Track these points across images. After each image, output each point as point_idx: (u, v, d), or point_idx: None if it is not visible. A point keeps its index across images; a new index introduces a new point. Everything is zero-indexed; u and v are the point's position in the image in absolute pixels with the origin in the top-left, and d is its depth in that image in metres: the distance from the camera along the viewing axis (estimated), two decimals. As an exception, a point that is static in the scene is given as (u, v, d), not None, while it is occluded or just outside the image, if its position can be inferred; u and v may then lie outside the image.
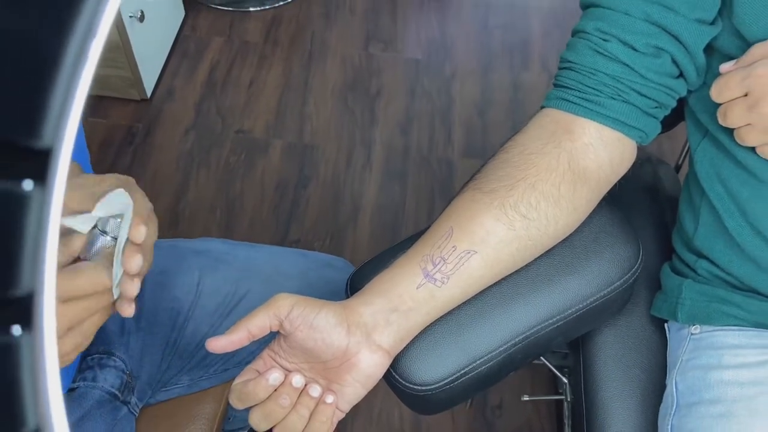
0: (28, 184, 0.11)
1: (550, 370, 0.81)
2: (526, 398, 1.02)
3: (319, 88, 1.72)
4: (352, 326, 0.51)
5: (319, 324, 0.50)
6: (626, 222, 0.61)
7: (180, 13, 1.81)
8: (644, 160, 0.81)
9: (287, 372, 0.52)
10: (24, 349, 0.12)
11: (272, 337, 0.53)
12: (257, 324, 0.50)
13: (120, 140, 1.57)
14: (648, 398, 0.64)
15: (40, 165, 0.11)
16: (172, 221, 1.44)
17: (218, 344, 0.50)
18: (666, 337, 0.67)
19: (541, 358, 0.82)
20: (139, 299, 0.72)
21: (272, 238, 1.43)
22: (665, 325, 0.67)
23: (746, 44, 0.53)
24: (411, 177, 1.56)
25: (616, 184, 0.61)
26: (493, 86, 1.76)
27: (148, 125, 1.61)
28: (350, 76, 1.77)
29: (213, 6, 1.89)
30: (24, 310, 0.12)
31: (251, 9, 1.90)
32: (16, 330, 0.12)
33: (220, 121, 1.63)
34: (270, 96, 1.70)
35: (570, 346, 0.72)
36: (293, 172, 1.54)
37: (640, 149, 0.84)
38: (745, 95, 0.51)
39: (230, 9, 1.89)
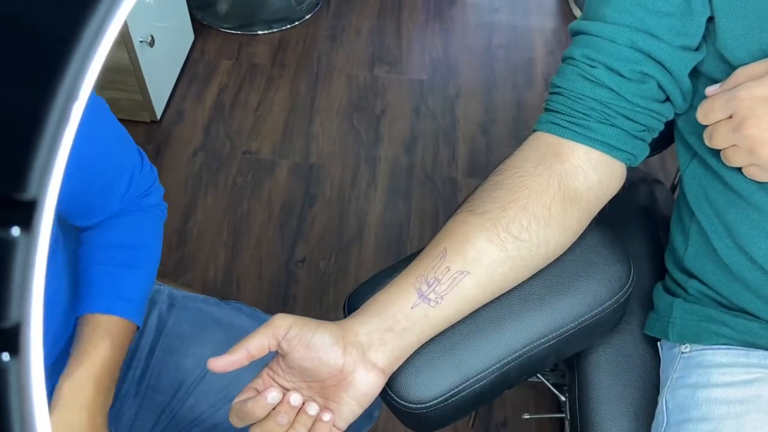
0: (15, 231, 0.13)
1: (572, 400, 0.81)
2: (527, 416, 1.03)
3: (325, 109, 1.75)
4: (348, 345, 0.53)
5: (315, 343, 0.52)
6: (617, 242, 0.63)
7: (189, 36, 1.85)
8: (640, 180, 0.82)
9: (285, 391, 0.53)
10: (11, 373, 0.13)
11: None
12: (256, 344, 0.52)
13: (130, 161, 1.60)
14: (641, 417, 0.65)
15: (26, 214, 0.13)
16: (180, 242, 1.47)
17: (219, 364, 0.52)
18: (659, 355, 0.67)
19: (540, 376, 0.83)
20: (147, 361, 0.73)
21: (279, 255, 1.45)
22: (658, 344, 0.68)
23: (730, 68, 0.55)
24: (415, 195, 1.57)
25: (606, 205, 0.62)
26: (496, 105, 1.78)
27: (158, 146, 1.64)
28: (355, 96, 1.79)
29: (222, 29, 1.93)
30: (11, 340, 0.13)
31: (259, 32, 1.94)
32: (5, 356, 0.13)
33: (228, 143, 1.66)
34: (277, 117, 1.73)
35: (566, 364, 0.72)
36: (299, 191, 1.57)
37: (636, 169, 0.85)
38: (730, 117, 0.52)
39: (238, 32, 1.93)
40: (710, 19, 0.56)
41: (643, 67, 0.56)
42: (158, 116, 1.66)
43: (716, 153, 0.57)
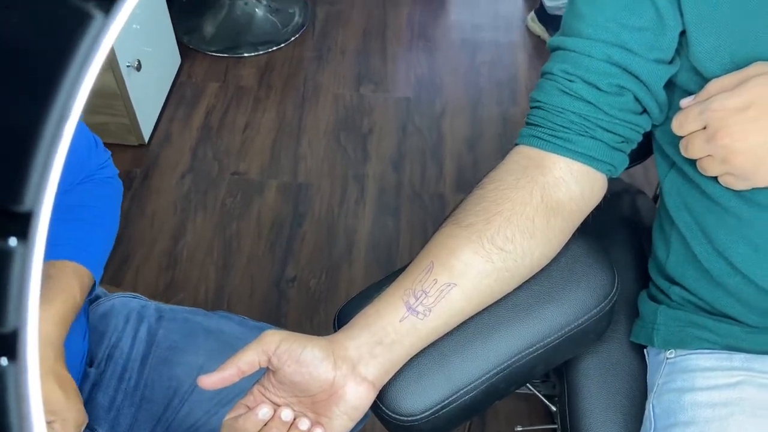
0: (13, 241, 0.14)
1: (562, 409, 0.82)
2: (519, 429, 1.03)
3: (313, 129, 1.77)
4: (338, 360, 0.53)
5: (306, 358, 0.52)
6: (602, 251, 0.64)
7: (176, 60, 1.87)
8: (623, 191, 0.84)
9: (276, 406, 0.54)
10: (9, 377, 0.14)
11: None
12: (246, 360, 0.52)
13: (119, 185, 1.60)
14: (630, 423, 0.66)
15: (22, 225, 0.14)
16: (170, 263, 1.47)
17: (210, 380, 0.52)
18: (646, 362, 0.68)
19: (531, 388, 0.83)
20: (140, 372, 0.75)
21: (269, 275, 1.46)
22: (644, 350, 0.69)
23: (703, 80, 0.56)
24: (404, 212, 1.59)
25: (589, 216, 0.63)
26: (482, 121, 1.80)
27: (146, 170, 1.65)
28: (342, 115, 1.81)
29: (208, 53, 1.95)
30: (10, 345, 0.14)
31: (245, 54, 1.96)
32: (3, 361, 0.14)
33: (216, 164, 1.67)
34: (265, 138, 1.74)
35: (556, 374, 0.73)
36: (288, 210, 1.57)
37: (619, 180, 0.87)
38: (704, 128, 0.54)
39: (225, 55, 1.95)
40: (683, 33, 0.58)
41: (619, 81, 0.58)
42: (146, 139, 1.67)
43: (693, 163, 0.58)
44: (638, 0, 0.57)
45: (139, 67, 1.52)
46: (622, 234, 0.78)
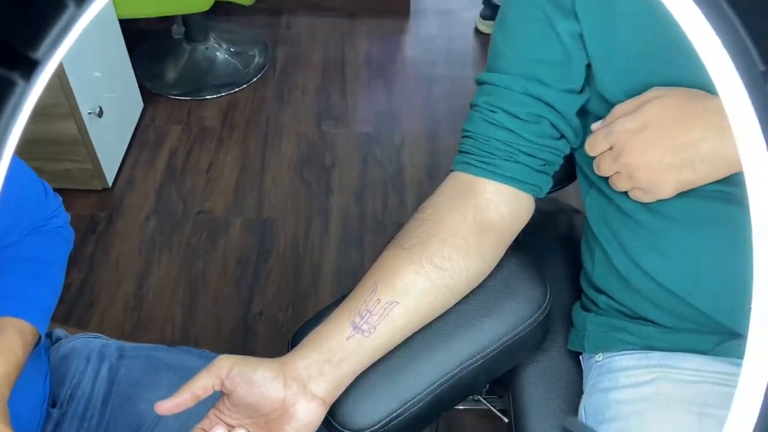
0: (15, 76, 0.16)
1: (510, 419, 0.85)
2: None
3: (276, 165, 1.81)
4: (288, 379, 0.56)
5: (257, 379, 0.55)
6: (535, 267, 0.69)
7: (138, 105, 1.90)
8: (559, 211, 0.89)
9: (231, 428, 0.56)
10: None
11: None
12: (200, 385, 0.55)
13: (83, 230, 1.62)
14: (570, 425, 0.70)
15: (29, 68, 0.16)
16: (136, 305, 1.48)
17: (166, 406, 0.55)
18: (582, 368, 0.73)
19: (486, 402, 0.87)
20: (102, 411, 0.76)
21: (236, 311, 1.47)
22: (580, 357, 0.74)
23: (610, 106, 0.62)
24: (367, 242, 1.63)
25: (525, 235, 0.68)
26: (440, 151, 1.87)
27: (111, 213, 1.66)
28: (305, 152, 1.86)
29: (171, 97, 1.99)
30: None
31: (208, 97, 2.01)
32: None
33: (180, 205, 1.70)
34: (229, 176, 1.78)
35: (503, 385, 0.77)
36: (253, 246, 1.60)
37: (557, 201, 0.92)
38: (611, 149, 0.60)
39: (188, 98, 1.99)
40: (589, 66, 0.64)
41: (536, 110, 0.64)
42: (110, 183, 1.69)
43: (607, 180, 0.64)
44: (547, 38, 0.63)
45: (100, 114, 1.55)
46: (560, 251, 0.83)
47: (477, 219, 0.64)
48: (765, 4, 0.23)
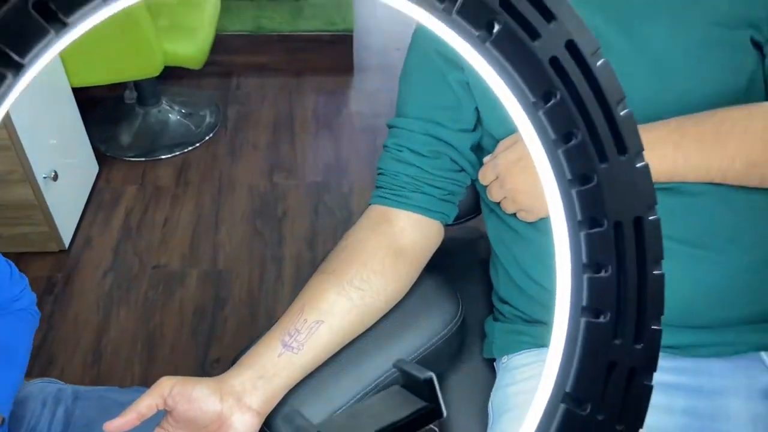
0: (7, 73, 0.22)
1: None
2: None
3: (230, 218, 1.89)
4: (224, 395, 0.63)
5: (196, 396, 0.62)
6: (448, 285, 0.78)
7: (94, 168, 1.97)
8: (479, 238, 1.00)
9: None
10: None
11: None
12: (145, 405, 0.62)
13: (41, 292, 1.65)
14: (486, 427, 0.77)
15: (16, 69, 0.22)
16: (95, 359, 1.51)
17: (113, 425, 0.61)
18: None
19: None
20: None
21: (193, 359, 1.52)
22: (494, 363, 0.82)
23: (497, 142, 0.73)
24: (320, 286, 1.70)
25: (444, 258, 0.77)
26: (386, 196, 1.97)
27: (68, 274, 1.71)
28: (258, 203, 1.95)
29: (126, 159, 2.06)
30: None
31: (162, 157, 2.09)
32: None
33: (137, 261, 1.75)
34: (184, 230, 1.84)
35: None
36: (209, 296, 1.66)
37: (477, 229, 1.02)
38: (497, 178, 0.71)
39: (142, 159, 2.07)
40: (477, 108, 0.75)
41: (436, 147, 0.74)
42: (66, 245, 1.74)
43: (499, 204, 0.75)
44: (441, 86, 0.74)
45: (56, 178, 1.61)
46: (479, 273, 0.93)
47: (392, 245, 0.73)
48: (523, 54, 0.33)
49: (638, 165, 0.32)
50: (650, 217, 0.34)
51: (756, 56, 0.64)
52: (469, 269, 0.93)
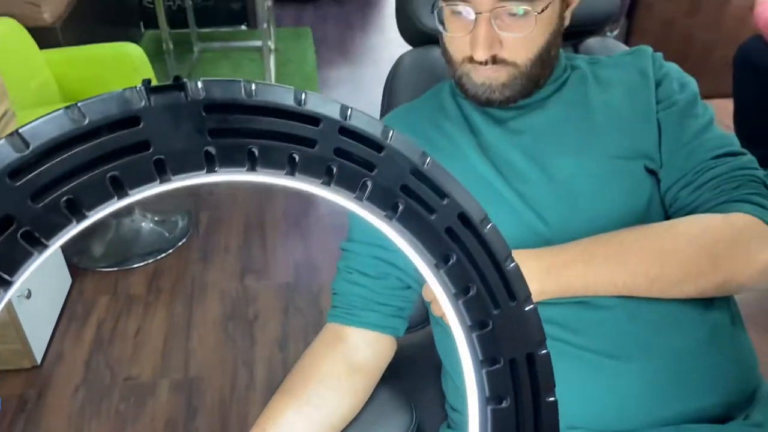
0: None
1: None
2: None
3: (201, 323, 1.92)
4: None
5: None
6: (403, 395, 0.83)
7: (66, 281, 2.00)
8: (433, 343, 1.06)
9: None
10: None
11: None
12: None
13: (12, 410, 1.64)
14: None
15: (7, 285, 0.30)
16: (65, 480, 1.49)
17: None
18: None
19: None
20: None
21: (165, 474, 1.51)
22: (451, 468, 0.87)
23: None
24: (292, 388, 1.72)
25: (402, 368, 0.83)
26: (355, 293, 2.03)
27: (40, 390, 1.70)
28: (229, 307, 1.99)
29: (98, 269, 2.10)
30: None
31: (135, 266, 2.13)
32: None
33: (108, 373, 1.76)
34: (156, 339, 1.86)
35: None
36: (181, 407, 1.67)
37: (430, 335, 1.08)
38: None
39: (115, 269, 2.11)
40: None
41: (383, 269, 0.82)
42: (38, 361, 1.74)
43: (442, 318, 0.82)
44: None
45: (29, 296, 1.65)
46: (434, 378, 0.98)
47: (346, 361, 0.79)
48: (424, 226, 0.41)
49: (527, 308, 0.40)
50: (541, 352, 0.41)
51: (651, 181, 0.75)
52: (424, 376, 0.99)
